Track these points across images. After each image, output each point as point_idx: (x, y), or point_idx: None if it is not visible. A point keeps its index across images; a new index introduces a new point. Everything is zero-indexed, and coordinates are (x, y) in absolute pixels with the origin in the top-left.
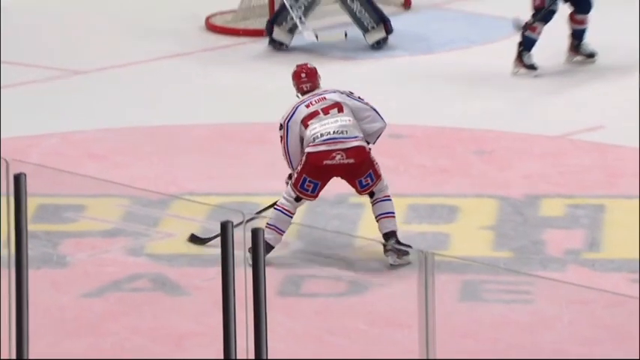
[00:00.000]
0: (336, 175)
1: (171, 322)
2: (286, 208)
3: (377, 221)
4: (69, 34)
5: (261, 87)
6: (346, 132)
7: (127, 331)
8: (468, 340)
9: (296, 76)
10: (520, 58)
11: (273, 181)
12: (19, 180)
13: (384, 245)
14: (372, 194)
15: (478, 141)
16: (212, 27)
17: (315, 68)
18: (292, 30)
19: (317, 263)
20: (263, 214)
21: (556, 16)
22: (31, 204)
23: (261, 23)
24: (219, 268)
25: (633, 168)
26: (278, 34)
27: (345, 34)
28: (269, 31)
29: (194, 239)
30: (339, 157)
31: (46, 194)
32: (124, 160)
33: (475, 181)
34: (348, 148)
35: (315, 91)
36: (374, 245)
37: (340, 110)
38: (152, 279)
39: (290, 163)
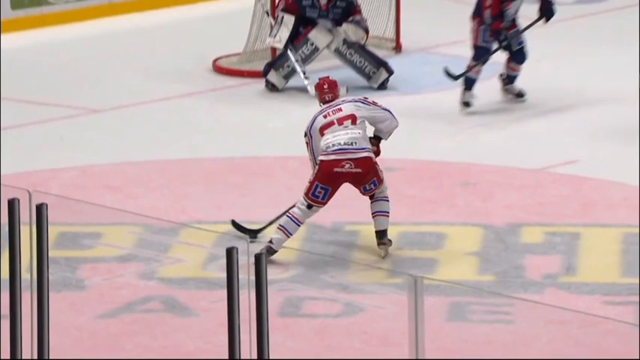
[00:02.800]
0: (344, 182)
1: (180, 341)
2: (296, 216)
3: (373, 218)
4: (88, 76)
5: (265, 123)
6: (355, 143)
7: (140, 349)
8: (454, 357)
9: (319, 87)
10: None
11: (277, 210)
12: (41, 210)
13: (378, 240)
14: (372, 195)
15: (463, 174)
16: (219, 69)
17: (336, 81)
18: (287, 76)
19: (315, 286)
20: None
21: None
22: (52, 232)
23: (263, 66)
24: (225, 291)
25: (606, 198)
26: (273, 76)
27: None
28: (265, 72)
29: (237, 226)
30: (347, 165)
31: (66, 223)
32: (138, 192)
33: (461, 210)
34: (356, 159)
35: (333, 102)
36: (368, 270)
37: (354, 122)
38: (163, 301)
39: (315, 165)
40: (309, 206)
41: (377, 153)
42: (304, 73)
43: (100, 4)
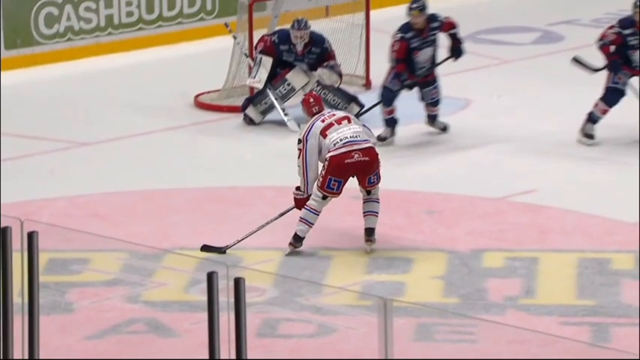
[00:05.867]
0: (353, 173)
1: None
2: (313, 207)
3: (364, 216)
4: (77, 111)
5: (243, 156)
6: (359, 136)
7: None
8: None
9: (305, 102)
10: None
11: (253, 237)
12: (31, 237)
13: (365, 237)
14: (368, 192)
15: (429, 202)
16: (199, 104)
17: (319, 95)
18: (264, 112)
19: (290, 308)
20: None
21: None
22: (42, 258)
23: (241, 101)
24: (206, 313)
25: (562, 226)
26: (251, 111)
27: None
28: (244, 107)
29: (207, 248)
30: (356, 155)
31: (56, 249)
32: (124, 220)
33: (427, 237)
34: (363, 149)
35: (323, 111)
36: (340, 293)
37: (349, 121)
38: (147, 323)
39: (305, 172)
40: (324, 197)
41: None
42: (283, 110)
43: (88, 45)
